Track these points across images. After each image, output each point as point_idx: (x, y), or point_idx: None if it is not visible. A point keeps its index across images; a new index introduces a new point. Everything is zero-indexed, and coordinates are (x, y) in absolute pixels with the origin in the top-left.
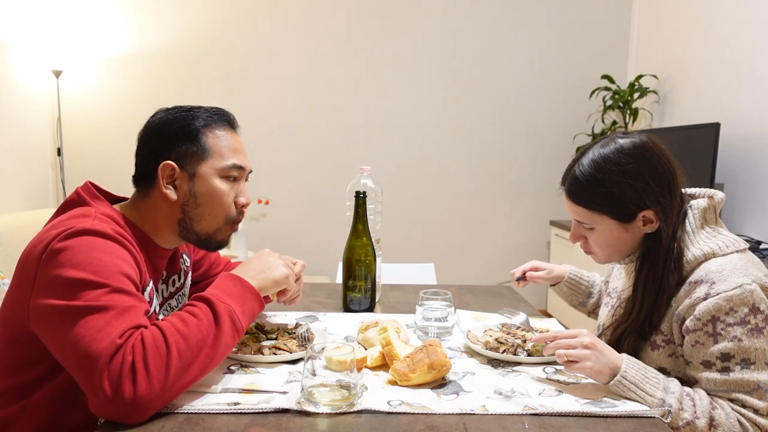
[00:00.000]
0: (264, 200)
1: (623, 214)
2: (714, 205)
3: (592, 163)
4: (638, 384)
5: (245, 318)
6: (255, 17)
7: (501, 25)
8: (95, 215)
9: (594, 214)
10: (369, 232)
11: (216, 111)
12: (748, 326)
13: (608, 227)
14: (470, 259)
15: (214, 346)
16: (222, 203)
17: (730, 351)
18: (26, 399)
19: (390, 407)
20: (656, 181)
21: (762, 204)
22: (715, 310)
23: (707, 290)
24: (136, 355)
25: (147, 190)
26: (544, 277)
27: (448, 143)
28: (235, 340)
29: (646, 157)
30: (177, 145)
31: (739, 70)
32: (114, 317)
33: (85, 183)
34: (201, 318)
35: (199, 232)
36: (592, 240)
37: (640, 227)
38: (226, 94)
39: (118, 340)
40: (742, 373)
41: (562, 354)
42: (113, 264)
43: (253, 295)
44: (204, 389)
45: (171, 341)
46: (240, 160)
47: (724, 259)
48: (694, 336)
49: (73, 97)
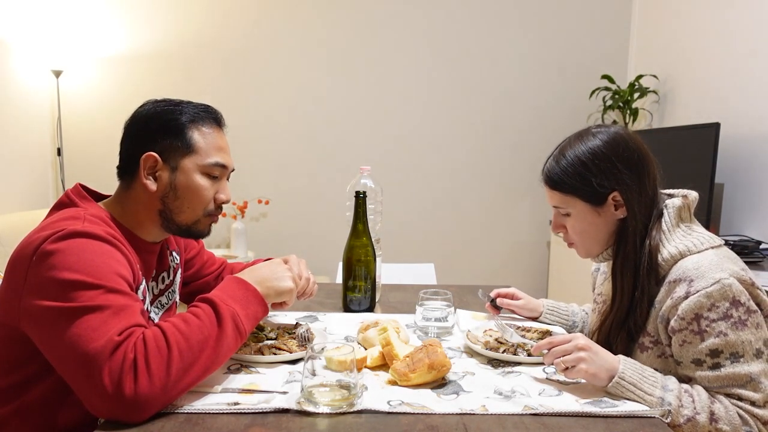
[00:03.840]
0: (264, 200)
1: (593, 196)
2: (688, 203)
3: (565, 148)
4: (636, 384)
5: (248, 321)
6: (256, 17)
7: (501, 25)
8: (85, 217)
9: (567, 197)
10: (369, 232)
11: (204, 108)
12: (731, 320)
13: (581, 211)
14: (470, 259)
15: (216, 348)
16: (201, 198)
17: (717, 347)
18: (19, 399)
19: (390, 407)
20: (624, 164)
21: (762, 204)
22: (698, 307)
23: (687, 288)
24: (138, 353)
25: (130, 182)
26: (520, 306)
27: (448, 143)
28: (238, 342)
29: (616, 141)
30: (162, 137)
31: (739, 70)
32: (110, 316)
33: (75, 185)
34: (203, 319)
35: (179, 223)
36: (570, 227)
37: (612, 212)
38: (226, 94)
39: (117, 338)
40: (733, 367)
41: (560, 362)
42: (107, 265)
43: (257, 299)
44: (204, 389)
45: (172, 340)
46: (223, 158)
47: (699, 256)
48: (680, 336)
49: (73, 97)
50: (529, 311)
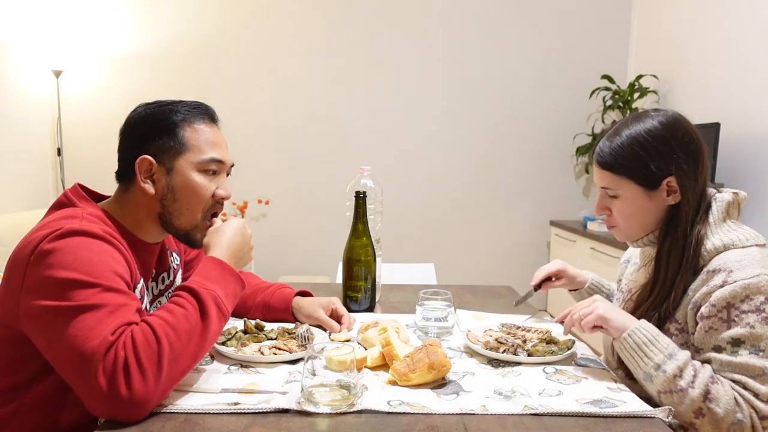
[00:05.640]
0: (264, 200)
1: (648, 179)
2: (738, 200)
3: (621, 128)
4: (641, 346)
5: (229, 301)
6: (256, 17)
7: (501, 26)
8: (82, 216)
9: (620, 179)
10: (369, 232)
11: (195, 105)
12: (762, 314)
13: (633, 193)
14: (470, 259)
15: (203, 334)
16: (199, 197)
17: (741, 336)
18: (20, 399)
19: (390, 407)
20: (682, 149)
21: (762, 204)
22: (731, 296)
23: (725, 278)
24: (128, 351)
25: (128, 186)
26: (562, 285)
27: (449, 143)
28: (222, 324)
29: (675, 126)
30: (155, 139)
31: (739, 70)
32: (106, 315)
33: (73, 185)
34: (188, 308)
35: (178, 227)
36: (616, 210)
37: (664, 197)
38: (226, 94)
39: (111, 337)
40: (750, 358)
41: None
42: (104, 263)
43: (234, 277)
44: (204, 389)
45: (160, 333)
46: (219, 153)
47: (743, 251)
48: (708, 322)
49: (73, 97)
50: (575, 285)
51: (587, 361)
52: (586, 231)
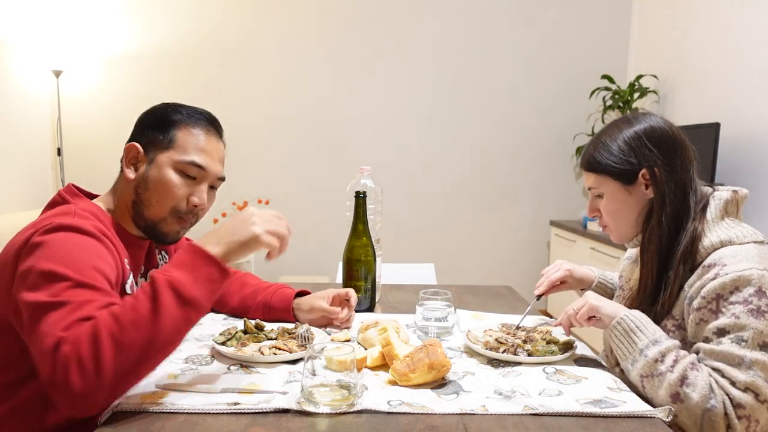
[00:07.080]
0: (264, 200)
1: (625, 174)
2: (737, 199)
3: (602, 132)
4: (629, 333)
5: (198, 286)
6: (256, 17)
7: (501, 26)
8: (75, 212)
9: (600, 177)
10: (369, 232)
11: (200, 112)
12: (749, 306)
13: (613, 189)
14: (470, 259)
15: (154, 322)
16: (169, 194)
17: (725, 326)
18: (14, 397)
19: (390, 407)
20: (654, 143)
21: (762, 204)
22: (721, 288)
23: (717, 271)
24: (72, 346)
25: (120, 173)
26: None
27: (449, 143)
28: (186, 311)
29: (648, 124)
30: (149, 131)
31: (739, 70)
32: (69, 312)
33: (67, 185)
34: (138, 296)
35: (147, 217)
36: (603, 209)
37: (643, 191)
38: (226, 94)
39: (62, 333)
40: (731, 347)
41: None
42: (85, 259)
43: (206, 260)
44: (204, 389)
45: (101, 326)
46: (203, 160)
47: (740, 247)
48: (698, 314)
49: (73, 97)
50: (581, 286)
51: (587, 361)
52: (586, 231)
